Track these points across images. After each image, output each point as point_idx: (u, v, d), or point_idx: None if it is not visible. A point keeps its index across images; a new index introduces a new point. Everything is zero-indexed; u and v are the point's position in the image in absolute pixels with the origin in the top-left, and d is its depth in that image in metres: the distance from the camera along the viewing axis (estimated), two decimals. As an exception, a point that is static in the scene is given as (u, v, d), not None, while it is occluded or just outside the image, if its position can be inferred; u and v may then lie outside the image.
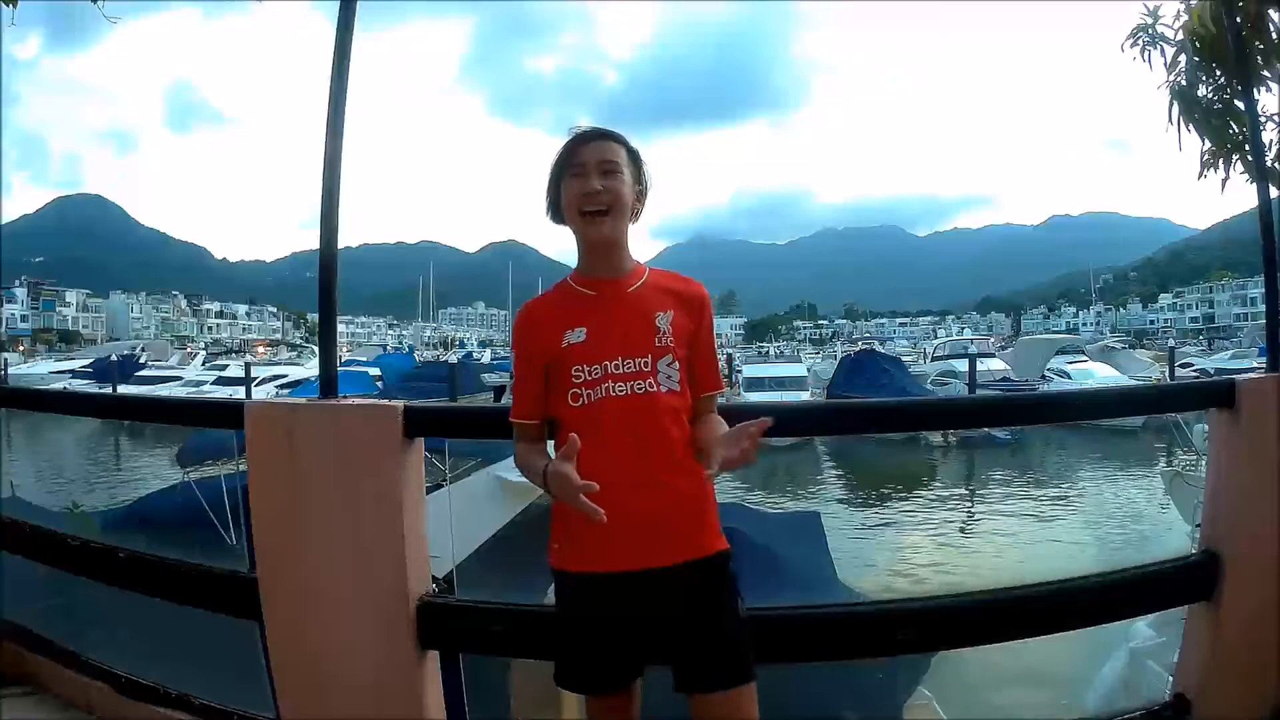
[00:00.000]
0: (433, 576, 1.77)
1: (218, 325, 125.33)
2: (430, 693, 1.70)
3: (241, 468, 1.90)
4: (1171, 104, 2.90)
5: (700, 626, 1.35)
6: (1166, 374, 26.73)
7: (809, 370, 29.54)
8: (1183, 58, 2.88)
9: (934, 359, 34.39)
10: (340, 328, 1.95)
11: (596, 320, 1.39)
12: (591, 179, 1.37)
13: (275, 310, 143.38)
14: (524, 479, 1.43)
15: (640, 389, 1.34)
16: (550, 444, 1.47)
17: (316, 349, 1.92)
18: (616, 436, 1.33)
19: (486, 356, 50.53)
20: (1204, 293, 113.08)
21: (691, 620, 1.35)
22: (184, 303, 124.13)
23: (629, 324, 1.38)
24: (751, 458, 1.22)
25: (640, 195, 1.45)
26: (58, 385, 23.82)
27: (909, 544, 11.39)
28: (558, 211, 1.44)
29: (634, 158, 1.43)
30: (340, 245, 1.79)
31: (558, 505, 1.40)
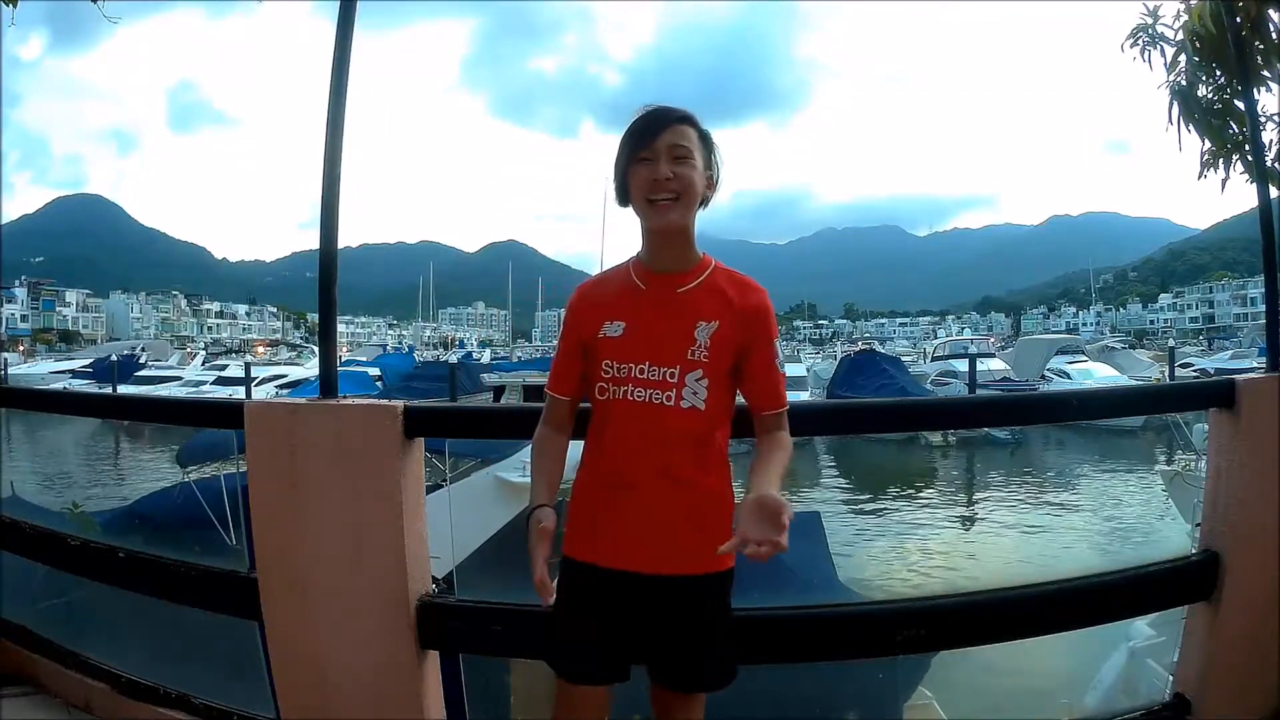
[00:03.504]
0: (433, 576, 1.77)
1: (218, 325, 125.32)
2: (430, 693, 1.70)
3: (241, 468, 1.90)
4: (1171, 104, 2.90)
5: (688, 637, 1.34)
6: (1166, 374, 26.72)
7: (809, 370, 29.53)
8: (1183, 58, 2.88)
9: (934, 359, 34.40)
10: (340, 328, 1.95)
11: (636, 317, 1.35)
12: (661, 165, 1.31)
13: (275, 310, 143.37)
14: (523, 479, 1.43)
15: (658, 399, 1.31)
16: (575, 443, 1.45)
17: (316, 349, 1.92)
18: (625, 439, 1.32)
19: (486, 356, 50.56)
20: (1204, 293, 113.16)
21: (680, 630, 1.34)
22: (184, 303, 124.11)
23: (667, 329, 1.33)
24: (779, 545, 1.10)
25: (711, 182, 1.37)
26: (58, 385, 23.81)
27: (909, 544, 11.39)
28: (625, 196, 1.37)
29: (705, 141, 1.37)
30: (340, 245, 1.79)
31: (575, 493, 1.40)
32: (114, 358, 32.85)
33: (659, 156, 1.31)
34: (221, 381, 29.08)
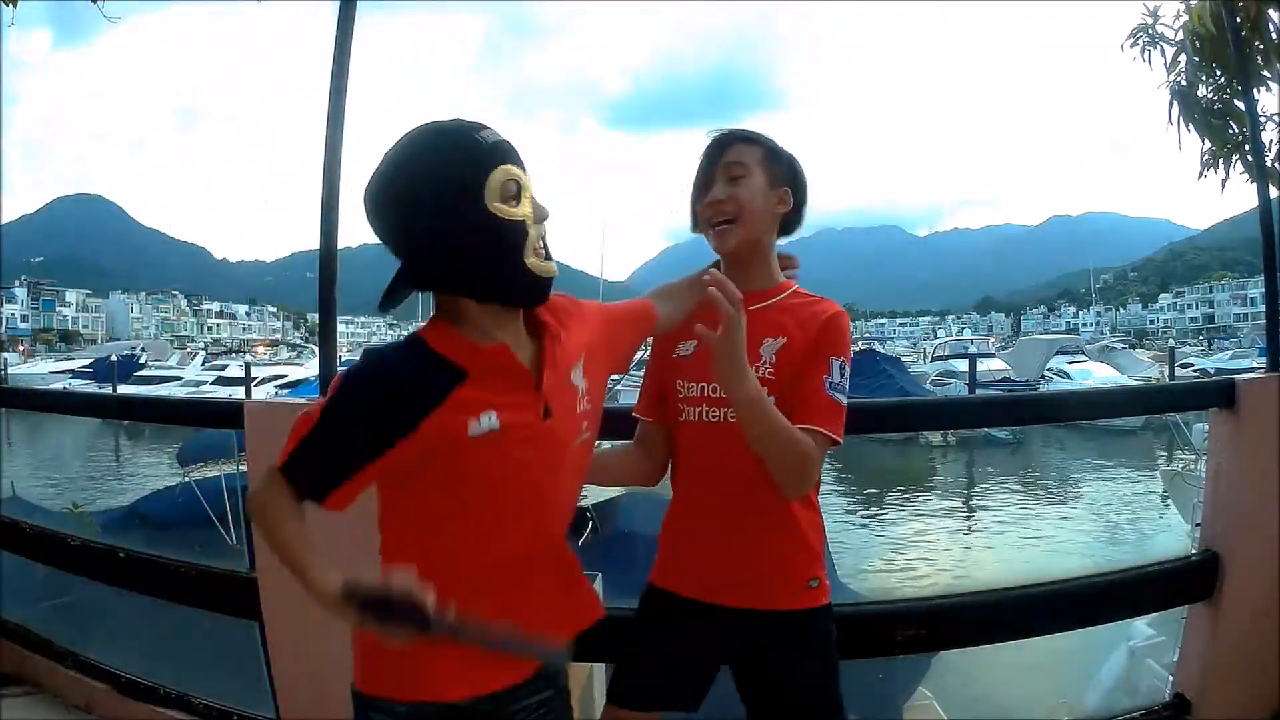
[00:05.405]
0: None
1: (218, 325, 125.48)
2: (430, 693, 1.69)
3: (241, 468, 1.90)
4: (1171, 104, 2.90)
5: (765, 680, 1.26)
6: (1166, 374, 26.72)
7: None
8: (1183, 58, 2.89)
9: (934, 359, 34.38)
10: (340, 328, 1.95)
11: None
12: (715, 187, 1.26)
13: (275, 310, 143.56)
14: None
15: (732, 417, 1.19)
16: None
17: (316, 349, 1.92)
18: (703, 464, 1.26)
19: (487, 357, 50.46)
20: (1204, 293, 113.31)
21: (759, 671, 1.26)
22: (184, 303, 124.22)
23: None
24: (727, 323, 1.03)
25: (785, 200, 1.28)
26: (58, 385, 23.80)
27: (909, 544, 11.39)
28: (696, 222, 1.32)
29: (776, 158, 1.28)
30: (340, 245, 1.78)
31: (665, 523, 1.34)
32: (114, 358, 32.79)
33: (715, 177, 1.27)
34: (221, 381, 29.05)
